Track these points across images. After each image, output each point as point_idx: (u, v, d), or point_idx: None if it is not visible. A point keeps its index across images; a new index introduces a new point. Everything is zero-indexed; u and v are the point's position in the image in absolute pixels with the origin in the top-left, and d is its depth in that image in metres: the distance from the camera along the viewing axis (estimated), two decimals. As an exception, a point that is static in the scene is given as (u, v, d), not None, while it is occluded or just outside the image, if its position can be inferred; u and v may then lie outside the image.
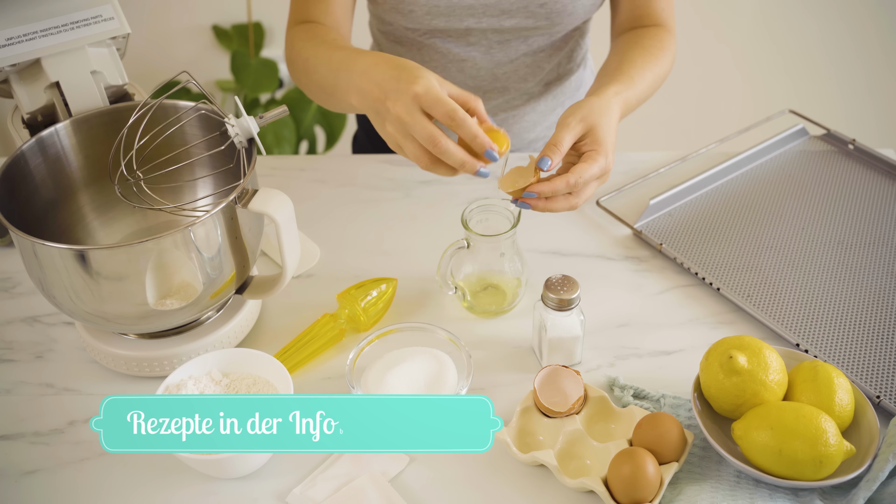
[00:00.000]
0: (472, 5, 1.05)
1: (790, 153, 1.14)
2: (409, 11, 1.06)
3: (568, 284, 0.81)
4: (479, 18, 1.06)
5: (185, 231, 0.74)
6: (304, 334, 0.87)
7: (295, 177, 1.14)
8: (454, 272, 0.91)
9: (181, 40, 2.15)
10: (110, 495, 0.75)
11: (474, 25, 1.07)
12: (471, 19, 1.06)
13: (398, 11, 1.06)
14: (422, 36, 1.12)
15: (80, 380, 0.86)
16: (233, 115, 0.82)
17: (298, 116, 2.05)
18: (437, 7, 1.05)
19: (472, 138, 0.78)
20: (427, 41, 1.12)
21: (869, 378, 0.83)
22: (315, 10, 1.04)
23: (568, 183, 0.81)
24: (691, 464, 0.76)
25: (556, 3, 1.04)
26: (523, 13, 1.05)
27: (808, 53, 2.12)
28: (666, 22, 1.07)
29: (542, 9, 1.05)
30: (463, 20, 1.06)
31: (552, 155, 0.81)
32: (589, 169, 0.82)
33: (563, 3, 1.04)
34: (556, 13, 1.05)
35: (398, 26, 1.11)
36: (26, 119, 0.91)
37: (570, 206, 0.83)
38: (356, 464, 0.77)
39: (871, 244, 0.99)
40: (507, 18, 1.06)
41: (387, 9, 1.07)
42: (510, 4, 1.04)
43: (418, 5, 1.05)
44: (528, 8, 1.05)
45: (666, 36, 1.05)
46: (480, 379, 0.85)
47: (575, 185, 0.81)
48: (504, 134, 0.82)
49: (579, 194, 0.83)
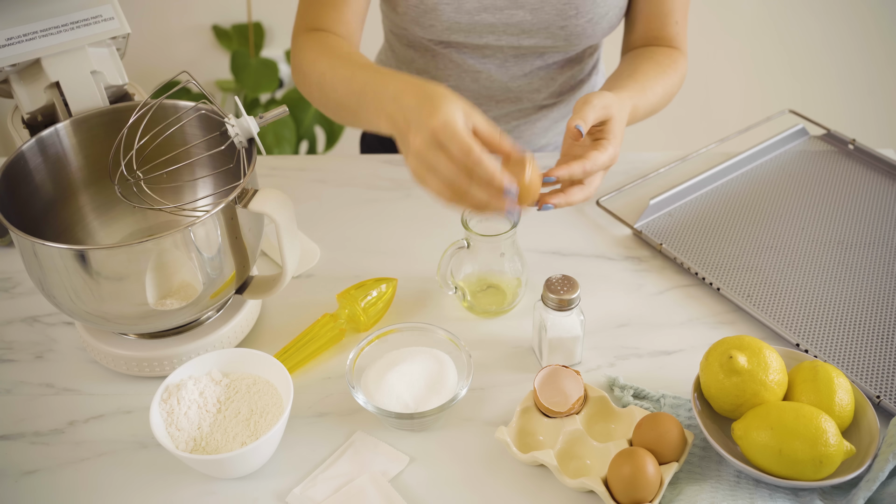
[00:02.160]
0: (493, 24, 1.04)
1: (790, 153, 1.14)
2: (429, 25, 1.05)
3: (568, 284, 0.81)
4: (499, 36, 1.06)
5: (185, 231, 0.74)
6: (304, 334, 0.87)
7: (295, 177, 1.14)
8: (454, 272, 0.91)
9: (181, 40, 2.15)
10: (110, 495, 0.75)
11: (493, 42, 1.07)
12: (490, 36, 1.06)
13: (418, 24, 1.06)
14: (437, 45, 1.11)
15: (80, 380, 0.86)
16: (233, 115, 0.82)
17: (298, 116, 2.05)
18: (458, 24, 1.04)
19: (489, 181, 0.72)
20: (442, 51, 1.12)
21: (869, 378, 0.83)
22: (327, 18, 1.00)
23: (584, 169, 0.81)
24: (691, 464, 0.76)
25: (576, 26, 1.04)
26: (543, 34, 1.06)
27: (808, 53, 2.12)
28: (680, 45, 1.08)
29: (563, 31, 1.05)
30: (482, 37, 1.06)
31: (582, 125, 0.81)
32: (601, 157, 0.82)
33: (583, 27, 1.05)
34: (575, 35, 1.06)
35: (415, 35, 1.11)
36: (26, 119, 0.91)
37: (585, 196, 0.83)
38: (356, 464, 0.77)
39: (871, 244, 0.99)
40: (527, 38, 1.06)
41: (407, 20, 1.06)
42: (531, 25, 1.04)
43: (440, 21, 1.04)
44: (549, 29, 1.05)
45: (679, 56, 1.06)
46: (480, 379, 0.85)
47: (590, 172, 0.81)
48: (531, 158, 0.76)
49: (590, 183, 0.83)
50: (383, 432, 0.80)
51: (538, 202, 0.81)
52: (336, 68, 0.90)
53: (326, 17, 1.00)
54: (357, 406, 0.82)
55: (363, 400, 0.78)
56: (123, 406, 0.83)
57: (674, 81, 1.03)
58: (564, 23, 1.04)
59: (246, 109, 2.03)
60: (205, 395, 0.78)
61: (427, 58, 1.14)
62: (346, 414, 0.82)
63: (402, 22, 1.08)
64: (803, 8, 2.04)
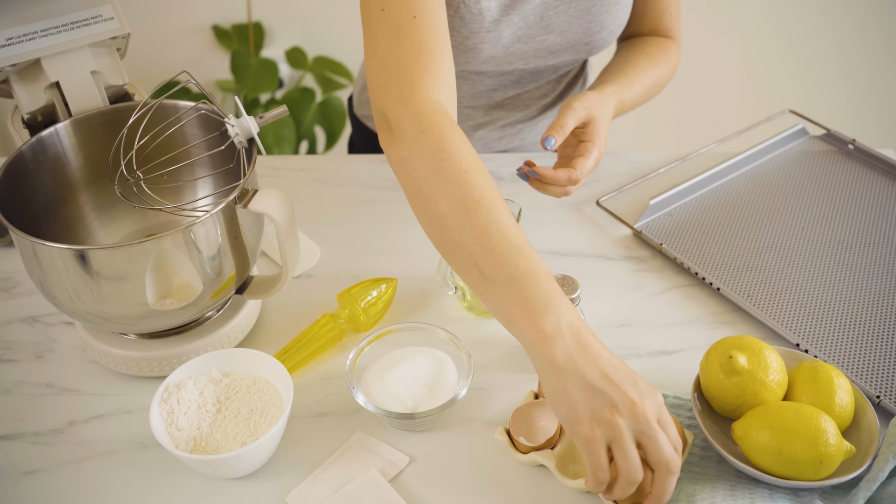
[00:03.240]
0: (525, 52, 1.04)
1: (790, 153, 1.14)
2: (465, 62, 1.03)
3: (568, 284, 0.81)
4: (528, 61, 1.06)
5: (185, 231, 0.74)
6: (304, 334, 0.87)
7: (295, 177, 1.14)
8: (454, 272, 0.91)
9: (181, 40, 2.15)
10: (110, 495, 0.75)
11: (521, 66, 1.08)
12: (520, 62, 1.06)
13: (455, 61, 1.00)
14: (463, 72, 1.08)
15: (80, 380, 0.86)
16: (233, 115, 0.82)
17: (298, 116, 2.05)
18: (494, 58, 1.03)
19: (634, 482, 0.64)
20: (461, 73, 1.09)
21: (869, 378, 0.83)
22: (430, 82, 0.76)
23: (570, 177, 0.88)
24: (691, 464, 0.76)
25: (600, 40, 1.05)
26: (569, 52, 1.06)
27: (808, 53, 2.12)
28: (674, 34, 1.11)
29: (587, 46, 1.06)
30: (512, 63, 1.06)
31: (556, 135, 0.88)
32: (586, 163, 0.89)
33: (605, 39, 1.06)
34: (596, 48, 1.07)
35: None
36: (26, 119, 0.91)
37: (563, 193, 0.92)
38: (356, 464, 0.77)
39: (871, 244, 0.99)
40: (554, 58, 1.07)
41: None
42: (559, 47, 1.05)
43: (477, 59, 1.01)
44: (575, 47, 1.05)
45: (671, 46, 1.09)
46: (480, 379, 0.85)
47: (576, 180, 0.89)
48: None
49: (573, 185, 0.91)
50: (383, 432, 0.80)
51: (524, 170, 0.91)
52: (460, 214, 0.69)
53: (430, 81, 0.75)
54: (357, 406, 0.82)
55: (363, 400, 0.78)
56: (123, 406, 0.83)
57: (664, 72, 1.06)
58: (589, 39, 1.04)
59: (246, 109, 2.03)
60: (205, 395, 0.78)
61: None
62: (346, 414, 0.82)
63: None
64: (804, 7, 2.04)
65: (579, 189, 1.09)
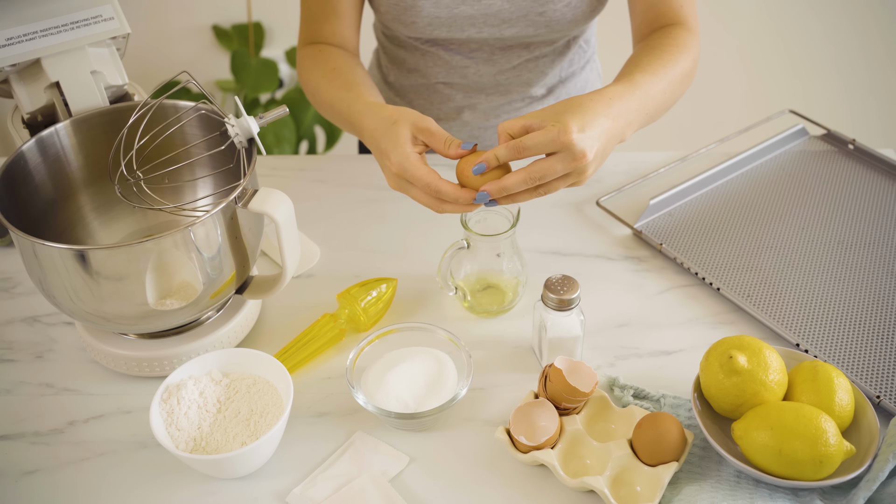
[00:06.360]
0: (472, 16, 1.05)
1: (790, 153, 1.14)
2: (410, 23, 1.06)
3: (568, 284, 0.81)
4: (480, 28, 1.07)
5: (185, 231, 0.74)
6: (304, 334, 0.87)
7: (295, 177, 1.14)
8: (454, 272, 0.91)
9: (181, 40, 2.15)
10: (110, 495, 0.75)
11: (475, 35, 1.08)
12: (472, 29, 1.07)
13: (400, 22, 1.07)
14: (424, 44, 1.12)
15: (80, 380, 0.86)
16: (233, 115, 0.82)
17: (298, 116, 2.05)
18: (438, 19, 1.05)
19: (454, 202, 0.80)
20: (429, 49, 1.13)
21: (869, 378, 0.83)
22: (322, 31, 1.06)
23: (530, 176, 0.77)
24: (691, 464, 0.76)
25: (555, 11, 1.04)
26: (523, 22, 1.05)
27: (808, 53, 2.12)
28: (685, 19, 1.01)
29: (542, 17, 1.05)
30: (464, 30, 1.07)
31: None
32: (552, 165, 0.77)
33: (562, 11, 1.04)
34: (555, 21, 1.05)
35: (401, 34, 1.12)
36: (26, 119, 0.91)
37: (537, 195, 0.79)
38: (356, 464, 0.77)
39: (871, 244, 0.99)
40: (508, 28, 1.06)
41: (389, 19, 1.07)
42: (510, 14, 1.05)
43: (420, 17, 1.05)
44: (528, 17, 1.05)
45: (683, 33, 0.98)
46: (480, 379, 0.85)
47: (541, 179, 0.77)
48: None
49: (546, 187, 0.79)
50: (383, 432, 0.80)
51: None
52: (324, 87, 0.98)
53: (322, 30, 1.06)
54: (357, 406, 0.82)
55: (363, 400, 0.78)
56: (123, 406, 0.83)
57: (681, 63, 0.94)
58: (542, 9, 1.04)
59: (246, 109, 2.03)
60: (205, 395, 0.78)
61: (416, 56, 1.15)
62: (346, 414, 0.82)
63: (385, 21, 1.09)
64: (803, 7, 2.04)
65: (579, 189, 1.09)
